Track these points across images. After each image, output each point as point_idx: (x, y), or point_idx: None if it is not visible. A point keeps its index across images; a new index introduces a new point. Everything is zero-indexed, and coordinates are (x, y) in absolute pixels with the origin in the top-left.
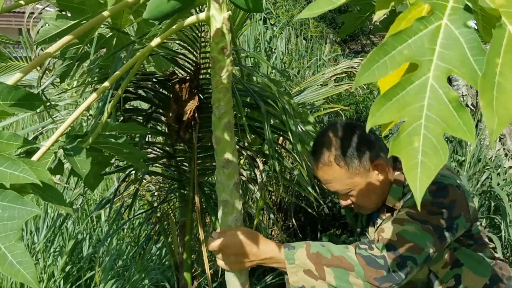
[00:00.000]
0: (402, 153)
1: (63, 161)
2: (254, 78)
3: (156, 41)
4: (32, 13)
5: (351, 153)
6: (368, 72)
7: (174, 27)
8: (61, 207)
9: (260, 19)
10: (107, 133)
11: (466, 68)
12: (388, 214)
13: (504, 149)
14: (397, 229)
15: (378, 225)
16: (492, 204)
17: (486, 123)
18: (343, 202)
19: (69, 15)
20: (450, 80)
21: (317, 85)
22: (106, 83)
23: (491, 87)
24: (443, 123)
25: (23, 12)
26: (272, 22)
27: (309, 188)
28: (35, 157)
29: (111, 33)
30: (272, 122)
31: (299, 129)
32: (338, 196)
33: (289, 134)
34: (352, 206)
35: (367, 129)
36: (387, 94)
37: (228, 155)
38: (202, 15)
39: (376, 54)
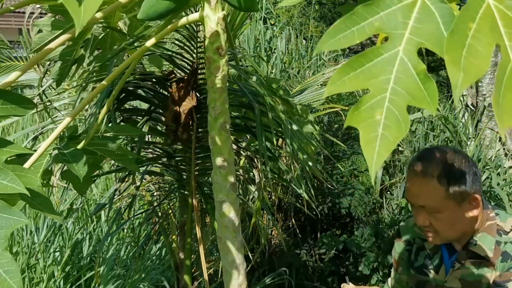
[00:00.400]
0: (361, 126)
1: (53, 164)
2: (254, 78)
3: (151, 41)
4: (32, 13)
5: (455, 177)
6: (333, 40)
7: (169, 27)
8: (50, 215)
9: (260, 19)
10: (103, 134)
11: (438, 40)
12: (471, 260)
13: (504, 149)
14: None
15: (455, 268)
16: (492, 204)
17: (450, 78)
18: (421, 221)
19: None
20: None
21: (317, 85)
22: (98, 88)
23: (460, 46)
24: (408, 96)
25: (23, 12)
26: (272, 22)
27: (304, 193)
28: (28, 162)
29: (104, 33)
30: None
31: (295, 128)
32: (418, 213)
33: (284, 135)
34: (427, 229)
35: (324, 96)
36: (351, 63)
37: (224, 156)
38: (196, 15)
39: (344, 23)
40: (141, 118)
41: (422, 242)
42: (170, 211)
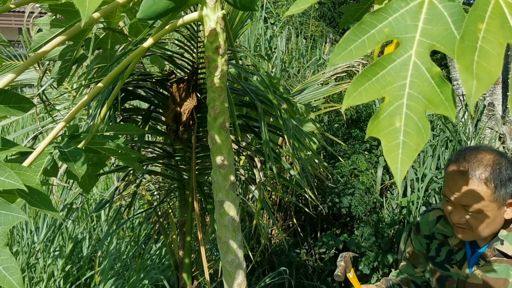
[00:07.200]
0: (382, 135)
1: (58, 163)
2: (255, 77)
3: (149, 41)
4: (32, 12)
5: (503, 180)
6: (345, 52)
7: (167, 27)
8: (49, 213)
9: (261, 18)
10: (104, 133)
11: (450, 42)
12: (496, 258)
13: (503, 147)
14: None
15: (480, 265)
16: None
17: (464, 86)
18: (457, 218)
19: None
20: (450, 80)
21: (318, 84)
22: (99, 86)
23: (471, 51)
24: (425, 101)
25: (23, 12)
26: (272, 22)
27: (309, 193)
28: (28, 160)
29: (104, 33)
30: (271, 121)
31: (296, 126)
32: (457, 211)
33: (284, 133)
34: (461, 226)
35: (343, 109)
36: (365, 73)
37: (224, 155)
38: (195, 15)
39: (353, 33)
40: (141, 117)
41: (444, 238)
42: (170, 211)
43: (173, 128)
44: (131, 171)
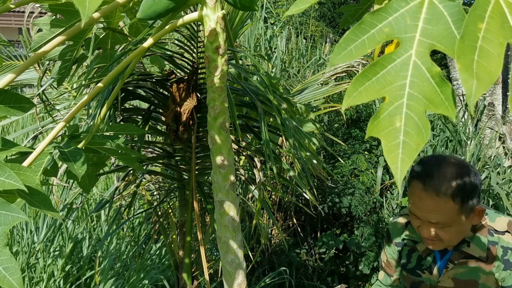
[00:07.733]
0: (382, 134)
1: (58, 163)
2: (255, 77)
3: (149, 41)
4: (32, 12)
5: (468, 192)
6: (345, 52)
7: (167, 27)
8: (49, 213)
9: (261, 18)
10: (104, 133)
11: (450, 42)
12: (464, 260)
13: (504, 147)
14: None
15: (449, 268)
16: (491, 202)
17: (464, 86)
18: (427, 233)
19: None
20: (450, 80)
21: (317, 84)
22: (99, 86)
23: (471, 51)
24: (425, 101)
25: (23, 12)
26: (272, 22)
27: (308, 194)
28: (28, 160)
29: (104, 33)
30: (271, 121)
31: (296, 127)
32: (426, 226)
33: (284, 133)
34: (430, 238)
35: (343, 109)
36: (365, 73)
37: (224, 155)
38: (195, 15)
39: (353, 33)
40: (141, 117)
41: (413, 244)
42: (170, 211)
43: (173, 128)
44: (131, 171)
